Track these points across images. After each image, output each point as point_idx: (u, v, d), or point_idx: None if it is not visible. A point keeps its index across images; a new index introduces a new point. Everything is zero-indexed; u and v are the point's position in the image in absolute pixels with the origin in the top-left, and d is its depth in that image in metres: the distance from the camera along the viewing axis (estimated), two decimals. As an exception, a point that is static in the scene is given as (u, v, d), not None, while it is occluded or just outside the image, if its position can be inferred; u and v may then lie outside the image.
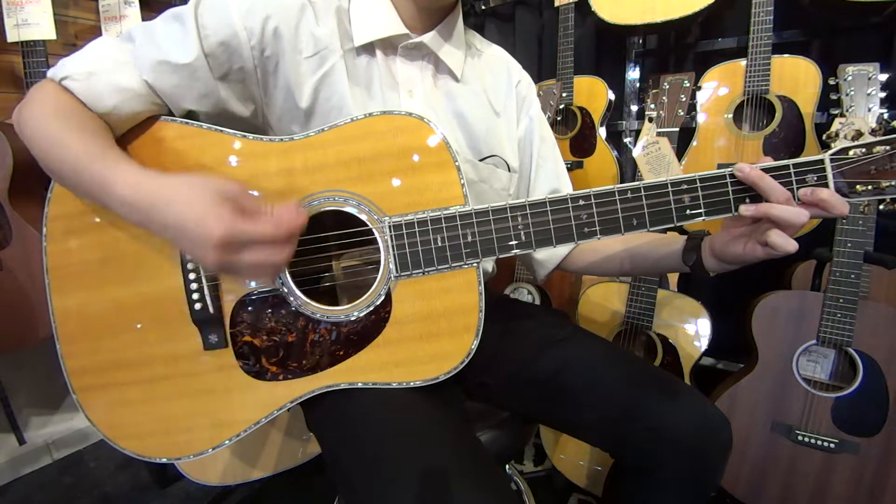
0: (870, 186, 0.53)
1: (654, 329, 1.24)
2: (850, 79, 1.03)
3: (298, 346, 0.61)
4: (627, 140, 1.63)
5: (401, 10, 0.67)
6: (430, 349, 0.59)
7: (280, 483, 1.32)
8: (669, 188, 0.56)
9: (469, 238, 0.58)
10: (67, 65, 0.58)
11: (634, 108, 1.62)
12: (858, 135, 0.77)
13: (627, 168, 1.58)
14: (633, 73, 1.60)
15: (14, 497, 1.43)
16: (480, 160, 0.75)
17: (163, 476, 1.42)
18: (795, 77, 1.25)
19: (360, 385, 0.60)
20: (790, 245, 0.53)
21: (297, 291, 0.60)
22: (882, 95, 1.00)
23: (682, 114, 1.21)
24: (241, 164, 0.60)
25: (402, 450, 0.53)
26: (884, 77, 1.01)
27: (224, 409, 0.62)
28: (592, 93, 1.56)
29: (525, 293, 1.57)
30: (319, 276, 0.64)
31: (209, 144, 0.61)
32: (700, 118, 1.35)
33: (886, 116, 1.00)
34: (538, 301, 1.55)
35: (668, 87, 1.22)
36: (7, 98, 1.41)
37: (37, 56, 1.25)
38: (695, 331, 1.22)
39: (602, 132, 1.56)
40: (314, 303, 0.61)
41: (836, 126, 0.90)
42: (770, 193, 0.53)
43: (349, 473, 0.54)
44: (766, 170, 0.54)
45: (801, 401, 1.08)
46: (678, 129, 1.21)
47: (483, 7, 1.81)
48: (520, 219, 0.58)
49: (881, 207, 0.75)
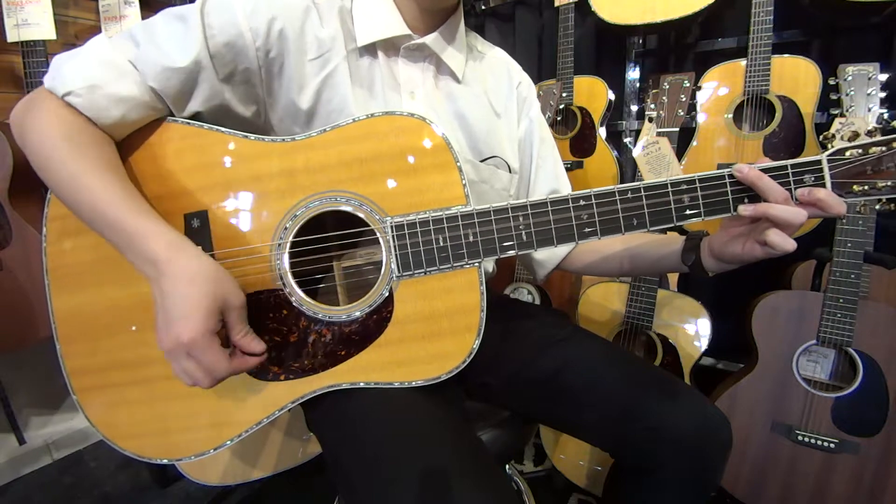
0: (866, 187, 0.53)
1: (654, 329, 1.24)
2: (850, 79, 1.03)
3: (300, 346, 0.61)
4: (627, 140, 1.63)
5: (403, 12, 0.67)
6: (432, 349, 0.59)
7: (280, 483, 1.32)
8: (669, 188, 0.56)
9: (470, 238, 0.58)
10: (66, 75, 0.56)
11: (634, 108, 1.62)
12: (855, 136, 0.78)
13: (627, 168, 1.58)
14: (633, 73, 1.60)
15: (14, 497, 1.43)
16: (481, 161, 0.75)
17: (163, 476, 1.42)
18: (795, 77, 1.25)
19: (362, 385, 0.60)
20: (789, 244, 0.53)
21: (299, 291, 0.60)
22: (882, 95, 1.01)
23: (682, 114, 1.21)
24: (243, 165, 0.60)
25: (403, 450, 0.53)
26: (884, 77, 1.02)
27: (225, 410, 0.62)
28: (592, 93, 1.56)
29: (525, 293, 1.57)
30: (321, 276, 0.64)
31: (211, 144, 0.61)
32: (700, 118, 1.35)
33: (886, 116, 1.00)
34: (538, 301, 1.55)
35: (668, 87, 1.22)
36: (7, 98, 1.41)
37: (37, 56, 1.25)
38: (695, 331, 1.22)
39: (602, 132, 1.56)
40: (316, 302, 0.61)
41: (836, 126, 0.91)
42: (768, 193, 0.53)
43: (349, 473, 0.55)
44: (765, 170, 0.54)
45: (801, 401, 1.09)
46: (678, 129, 1.21)
47: (483, 7, 1.81)
48: (521, 219, 0.58)
49: (878, 207, 0.75)
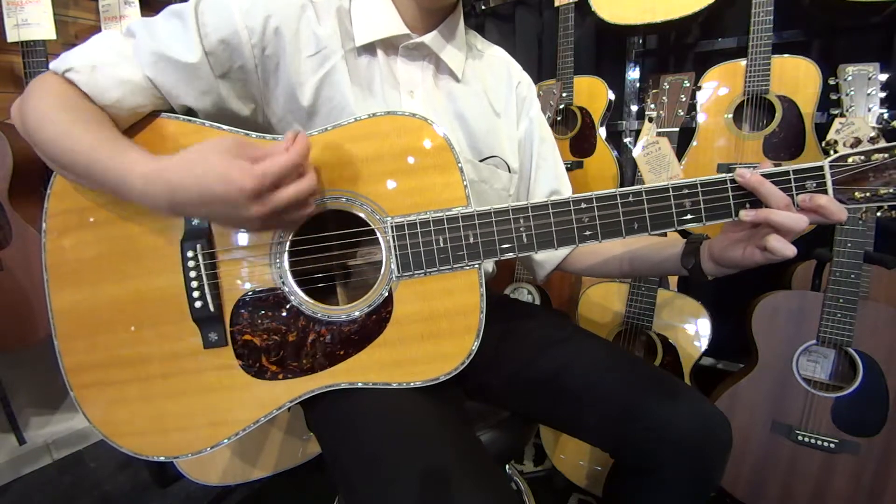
0: (868, 193, 0.53)
1: (654, 329, 1.24)
2: (850, 79, 1.03)
3: (299, 346, 0.61)
4: (627, 140, 1.63)
5: (402, 11, 0.67)
6: (431, 350, 0.59)
7: (280, 483, 1.32)
8: (671, 192, 0.56)
9: (471, 239, 0.58)
10: (70, 57, 0.58)
11: (634, 108, 1.62)
12: (857, 142, 0.79)
13: (627, 168, 1.58)
14: (633, 73, 1.60)
15: (14, 497, 1.43)
16: (481, 160, 0.75)
17: (163, 476, 1.42)
18: (795, 77, 1.25)
19: (361, 385, 0.60)
20: (789, 250, 0.53)
21: (299, 291, 0.60)
22: (882, 95, 1.01)
23: (682, 114, 1.21)
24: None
25: (402, 450, 0.53)
26: (884, 77, 1.01)
27: (223, 408, 0.62)
28: (592, 93, 1.56)
29: (525, 293, 1.57)
30: (321, 276, 0.64)
31: (210, 143, 0.61)
32: (700, 118, 1.35)
33: (886, 116, 1.00)
34: (538, 301, 1.55)
35: (668, 87, 1.22)
36: (7, 98, 1.41)
37: (37, 56, 1.25)
38: (695, 331, 1.22)
39: (602, 132, 1.56)
40: (315, 302, 0.61)
41: (836, 126, 0.90)
42: (770, 199, 0.53)
43: (349, 473, 0.54)
44: (766, 175, 0.54)
45: (801, 401, 1.09)
46: (678, 129, 1.21)
47: (483, 7, 1.81)
48: (521, 221, 0.58)
49: (879, 214, 0.75)
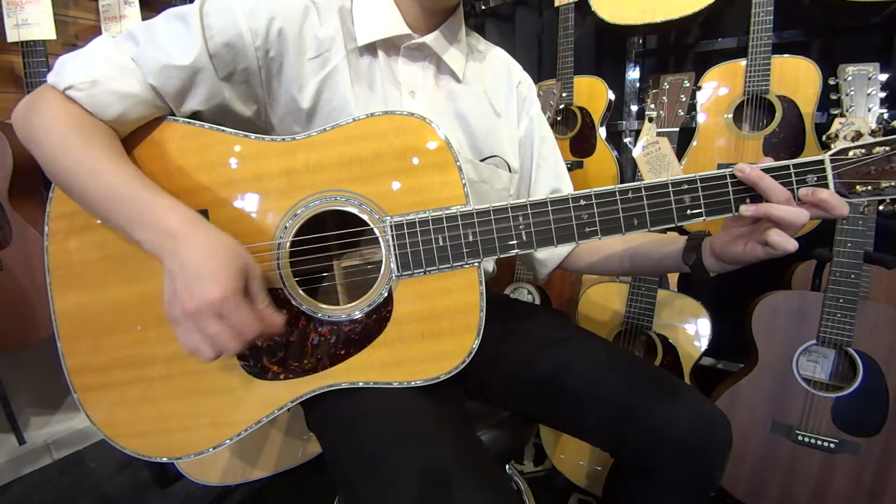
0: (869, 187, 0.53)
1: (654, 329, 1.24)
2: (850, 79, 1.03)
3: (299, 346, 0.61)
4: (627, 140, 1.63)
5: (403, 11, 0.67)
6: (432, 349, 0.59)
7: (280, 483, 1.32)
8: (670, 188, 0.56)
9: (470, 238, 0.58)
10: (69, 71, 0.57)
11: (634, 108, 1.62)
12: (858, 135, 0.78)
13: (627, 168, 1.58)
14: (633, 73, 1.60)
15: (14, 497, 1.43)
16: (481, 160, 0.75)
17: (163, 476, 1.42)
18: (795, 77, 1.25)
19: (361, 385, 0.60)
20: (790, 244, 0.53)
21: (299, 290, 0.60)
22: (882, 95, 1.01)
23: (682, 114, 1.21)
24: (244, 164, 0.60)
25: (402, 450, 0.53)
26: (884, 77, 1.01)
27: (224, 409, 0.62)
28: (592, 93, 1.56)
29: (525, 293, 1.57)
30: (321, 276, 0.64)
31: (211, 144, 0.61)
32: (700, 118, 1.35)
33: (886, 116, 1.00)
34: (538, 301, 1.55)
35: (668, 87, 1.22)
36: (7, 98, 1.41)
37: (37, 56, 1.25)
38: (695, 331, 1.22)
39: (602, 132, 1.56)
40: (316, 302, 0.61)
41: (836, 126, 0.90)
42: (770, 193, 0.53)
43: (349, 473, 0.54)
44: (767, 170, 0.54)
45: (801, 401, 1.09)
46: (678, 129, 1.21)
47: (483, 7, 1.81)
48: (521, 219, 0.58)
49: (881, 208, 0.75)
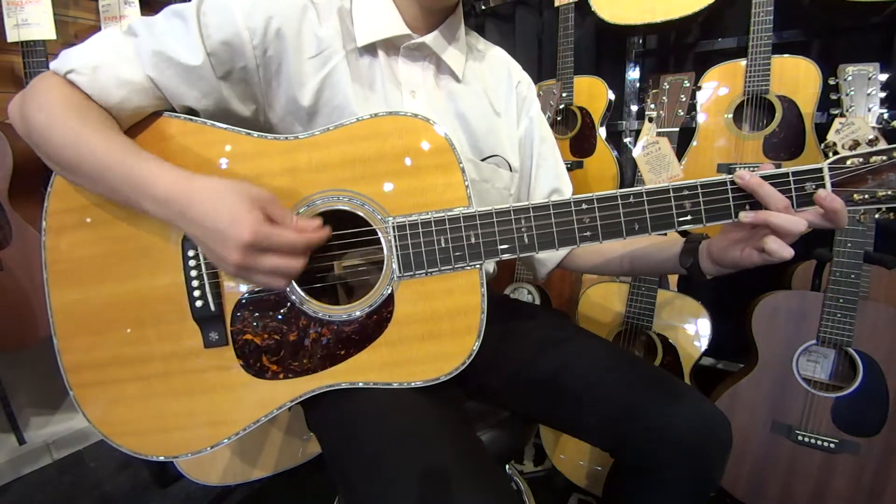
0: (866, 195, 0.54)
1: (654, 329, 1.24)
2: (850, 79, 1.03)
3: (299, 345, 0.61)
4: (627, 140, 1.63)
5: (403, 11, 0.67)
6: (432, 350, 0.59)
7: (280, 483, 1.32)
8: (671, 194, 0.56)
9: (472, 239, 0.58)
10: (72, 57, 0.57)
11: (634, 108, 1.62)
12: (856, 144, 0.79)
13: (627, 168, 1.58)
14: (633, 73, 1.60)
15: (14, 497, 1.43)
16: (482, 160, 0.75)
17: (163, 476, 1.42)
18: (795, 77, 1.25)
19: (361, 385, 0.60)
20: (786, 252, 0.54)
21: (299, 290, 0.60)
22: (882, 95, 1.01)
23: (682, 114, 1.21)
24: (246, 162, 0.60)
25: (402, 450, 0.53)
26: (884, 77, 1.02)
27: (223, 408, 0.62)
28: (592, 93, 1.56)
29: (525, 293, 1.57)
30: (322, 275, 0.64)
31: (213, 142, 0.61)
32: (700, 118, 1.35)
33: (886, 116, 1.00)
34: (538, 301, 1.55)
35: (668, 87, 1.22)
36: (7, 98, 1.39)
37: (37, 56, 1.25)
38: (695, 331, 1.22)
39: (602, 132, 1.56)
40: (316, 301, 0.61)
41: (836, 127, 0.91)
42: (769, 201, 0.53)
43: (349, 473, 0.54)
44: (766, 177, 0.54)
45: (801, 401, 1.09)
46: (678, 129, 1.21)
47: (483, 7, 1.80)
48: (523, 221, 0.58)
49: (877, 216, 0.75)
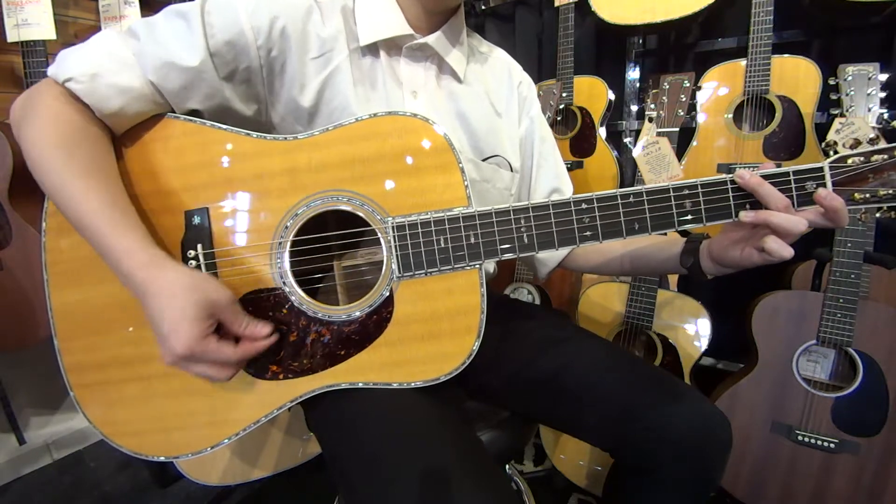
0: (867, 195, 0.54)
1: (654, 329, 1.24)
2: (850, 79, 1.03)
3: (299, 346, 0.61)
4: (627, 140, 1.63)
5: (406, 11, 0.67)
6: (432, 350, 0.59)
7: (280, 483, 1.32)
8: (671, 193, 0.56)
9: (472, 239, 0.58)
10: (71, 63, 0.57)
11: (634, 108, 1.62)
12: (857, 143, 0.79)
13: (627, 168, 1.58)
14: (633, 73, 1.60)
15: (14, 497, 1.43)
16: (483, 160, 0.75)
17: (163, 476, 1.42)
18: (795, 77, 1.25)
19: (361, 385, 0.60)
20: (786, 251, 0.53)
21: (299, 290, 0.60)
22: (882, 95, 1.01)
23: (682, 114, 1.21)
24: (246, 162, 0.60)
25: (402, 450, 0.53)
26: (884, 77, 1.02)
27: (223, 408, 0.62)
28: (592, 93, 1.56)
29: (525, 293, 1.57)
30: (321, 276, 0.64)
31: (213, 142, 0.61)
32: (700, 118, 1.35)
33: (886, 116, 1.00)
34: (538, 301, 1.55)
35: (668, 87, 1.22)
36: (7, 98, 1.41)
37: (37, 56, 1.25)
38: (695, 331, 1.22)
39: (602, 132, 1.56)
40: (316, 302, 0.61)
41: (836, 127, 0.90)
42: (769, 200, 0.53)
43: (349, 473, 0.54)
44: (766, 176, 0.54)
45: (801, 401, 1.09)
46: (678, 129, 1.21)
47: (483, 7, 1.80)
48: (522, 221, 0.58)
49: (878, 215, 0.75)
